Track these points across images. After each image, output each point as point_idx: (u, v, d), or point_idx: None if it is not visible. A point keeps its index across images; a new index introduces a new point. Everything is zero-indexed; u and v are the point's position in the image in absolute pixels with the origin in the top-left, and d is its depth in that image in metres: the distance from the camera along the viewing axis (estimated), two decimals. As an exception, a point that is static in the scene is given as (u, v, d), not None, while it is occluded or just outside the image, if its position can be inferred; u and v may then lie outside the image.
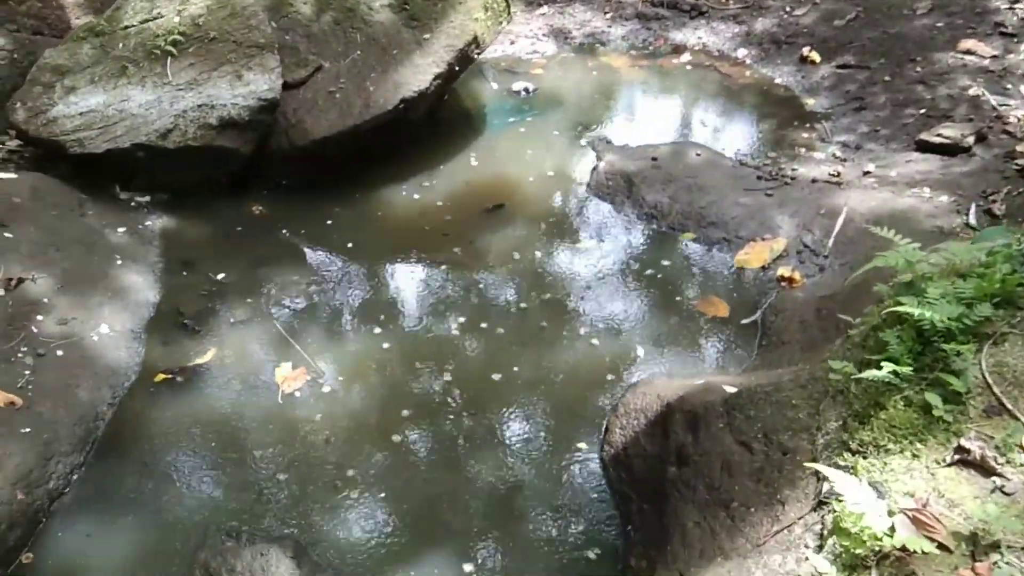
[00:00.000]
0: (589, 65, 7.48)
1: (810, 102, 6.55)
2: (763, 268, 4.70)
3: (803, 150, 5.85)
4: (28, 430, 3.62)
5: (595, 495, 3.60)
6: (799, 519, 2.51)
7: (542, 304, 4.66)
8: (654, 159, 5.64)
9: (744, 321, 4.43)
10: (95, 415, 3.93)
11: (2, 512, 3.31)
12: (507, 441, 3.87)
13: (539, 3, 8.27)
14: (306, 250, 5.20)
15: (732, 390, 3.18)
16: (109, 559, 3.39)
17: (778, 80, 6.99)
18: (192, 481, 3.70)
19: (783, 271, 4.58)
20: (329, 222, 5.36)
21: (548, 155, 6.13)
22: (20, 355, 3.98)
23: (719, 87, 7.03)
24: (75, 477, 3.69)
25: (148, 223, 5.29)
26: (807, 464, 2.58)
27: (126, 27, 5.59)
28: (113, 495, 3.63)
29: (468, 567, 3.31)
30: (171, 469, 3.75)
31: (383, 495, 3.62)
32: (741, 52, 7.45)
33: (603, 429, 3.82)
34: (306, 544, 3.37)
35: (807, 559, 2.32)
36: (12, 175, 5.16)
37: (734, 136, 6.35)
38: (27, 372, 3.90)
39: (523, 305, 4.67)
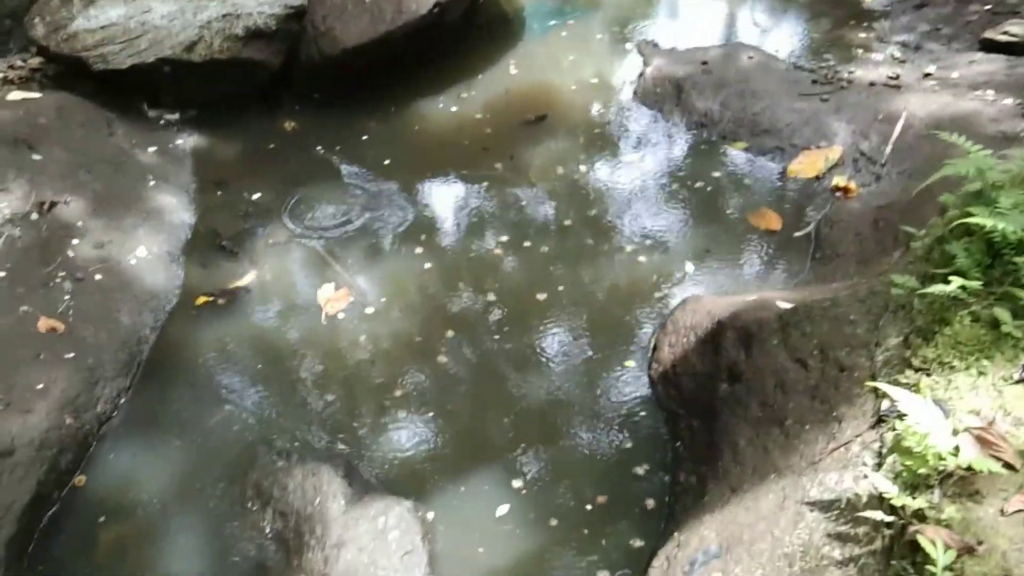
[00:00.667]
0: (632, -37, 7.33)
1: (868, 0, 6.37)
2: (817, 178, 4.67)
3: (860, 51, 5.73)
4: (72, 355, 3.75)
5: (643, 412, 3.68)
6: (857, 437, 2.56)
7: (586, 220, 4.69)
8: (704, 63, 5.56)
9: (797, 233, 4.43)
10: (138, 339, 4.06)
11: (52, 437, 3.47)
12: (552, 359, 3.95)
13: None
14: (341, 168, 5.25)
15: (786, 306, 3.22)
16: (160, 480, 3.55)
17: (836, -24, 6.80)
18: (240, 403, 3.84)
19: (838, 180, 4.55)
20: (364, 137, 5.40)
21: (591, 60, 6.07)
22: (58, 280, 4.10)
23: (773, -17, 6.86)
24: (122, 401, 3.84)
25: (179, 141, 5.36)
26: (868, 383, 2.62)
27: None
28: (161, 418, 3.78)
29: (517, 483, 3.44)
30: (218, 391, 3.89)
31: (430, 413, 3.75)
32: (795, -53, 7.23)
33: (651, 347, 3.88)
34: (356, 463, 3.51)
35: (866, 477, 2.38)
36: (36, 94, 5.23)
37: (788, 37, 6.22)
38: (66, 297, 4.02)
39: (566, 222, 4.69)
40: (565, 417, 3.69)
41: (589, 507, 3.32)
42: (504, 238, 4.61)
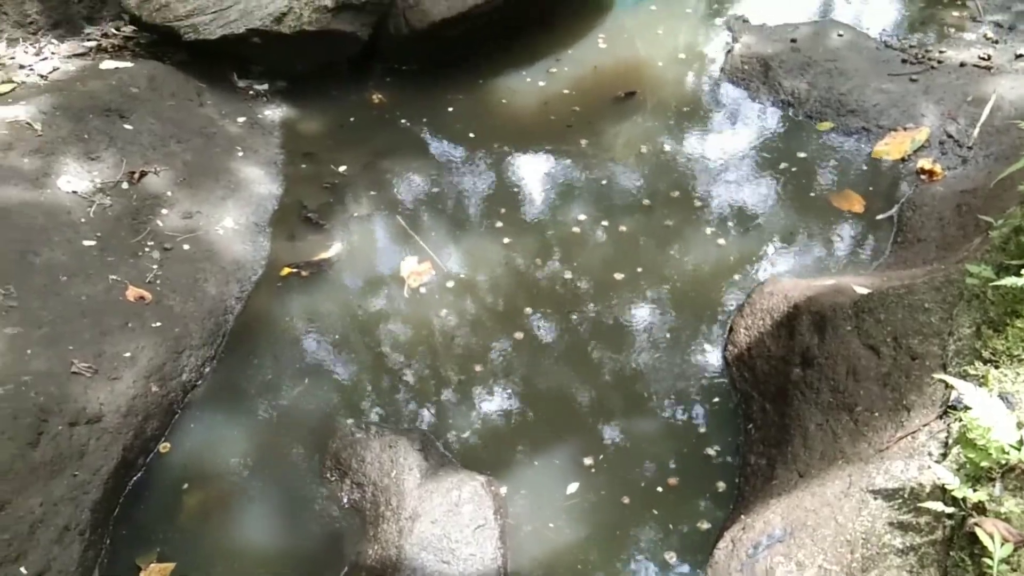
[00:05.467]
0: (728, -67, 7.34)
1: (965, -23, 6.32)
2: (903, 160, 4.72)
3: (952, 31, 5.73)
4: (159, 324, 3.93)
5: (717, 393, 3.82)
6: (924, 426, 2.66)
7: (668, 199, 4.82)
8: (793, 41, 5.61)
9: (880, 216, 4.50)
10: (224, 309, 4.25)
11: (138, 404, 3.65)
12: (628, 339, 4.10)
13: None
14: (427, 140, 5.43)
15: (863, 291, 3.32)
16: (241, 448, 3.74)
17: (932, -48, 6.73)
18: (321, 374, 4.04)
19: (923, 163, 4.59)
20: (450, 110, 5.57)
21: (680, 36, 6.16)
22: (147, 250, 4.29)
23: (866, -40, 6.81)
24: (207, 370, 4.02)
25: (267, 112, 5.58)
26: (935, 375, 2.71)
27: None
28: (244, 387, 3.98)
29: (588, 460, 3.59)
30: (300, 362, 4.09)
31: (507, 390, 3.93)
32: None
33: (727, 328, 4.02)
34: (432, 436, 3.71)
35: (929, 468, 2.48)
36: (128, 63, 5.42)
37: (879, 14, 6.24)
38: (155, 267, 4.20)
39: (647, 201, 4.83)
40: (639, 396, 3.85)
41: (660, 488, 3.47)
42: (585, 215, 4.76)
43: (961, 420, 2.51)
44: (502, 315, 4.26)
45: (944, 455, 2.51)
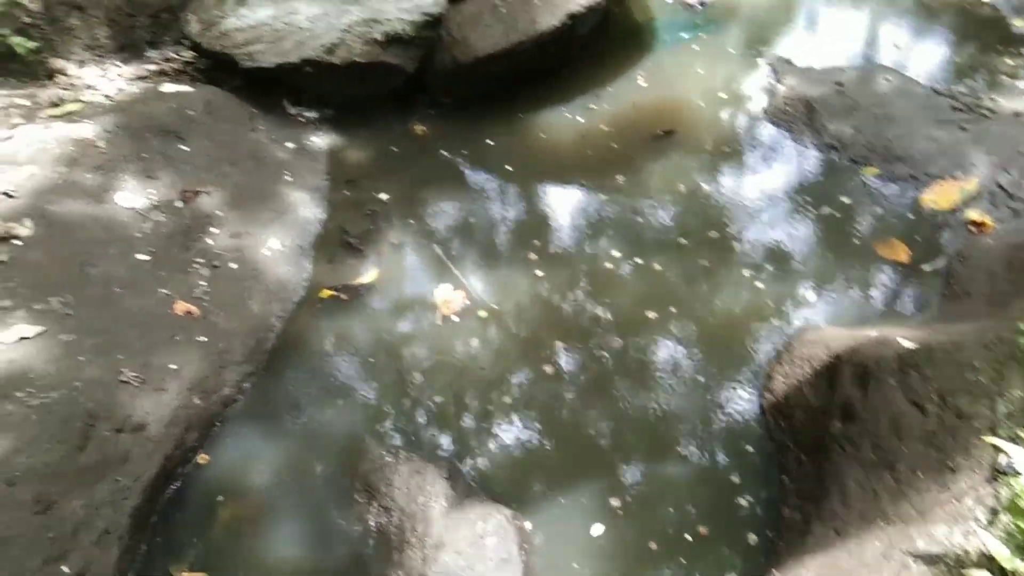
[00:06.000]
0: (772, -24, 7.19)
1: (1018, 24, 6.07)
2: (951, 210, 4.49)
3: (1006, 79, 5.49)
4: (204, 339, 3.91)
5: (751, 441, 3.62)
6: (971, 490, 2.47)
7: (705, 240, 4.63)
8: (839, 84, 5.42)
9: (926, 267, 4.27)
10: (266, 327, 4.20)
11: (181, 415, 3.62)
12: (660, 379, 3.92)
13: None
14: (466, 171, 5.31)
15: (908, 345, 3.12)
16: (275, 464, 3.68)
17: (983, -2, 6.53)
18: (355, 395, 3.95)
19: (973, 214, 4.36)
20: (490, 143, 5.45)
21: (722, 76, 5.98)
22: (196, 266, 4.27)
23: (915, 4, 6.61)
24: (247, 386, 3.97)
25: (315, 139, 5.51)
26: (986, 436, 2.52)
27: (296, -63, 5.75)
28: (281, 404, 3.91)
29: (615, 501, 3.43)
30: (335, 383, 4.00)
31: (535, 423, 3.77)
32: (944, -35, 6.96)
33: (765, 375, 3.81)
34: (459, 464, 3.58)
35: (976, 534, 2.29)
36: (188, 88, 5.42)
37: (929, 61, 6.00)
38: (203, 283, 4.19)
39: (683, 240, 4.64)
40: (669, 438, 3.66)
41: (689, 536, 3.29)
42: (619, 252, 4.59)
43: (1011, 486, 2.32)
44: (533, 347, 4.11)
45: (991, 522, 2.32)
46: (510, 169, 5.25)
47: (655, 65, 6.12)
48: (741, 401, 3.78)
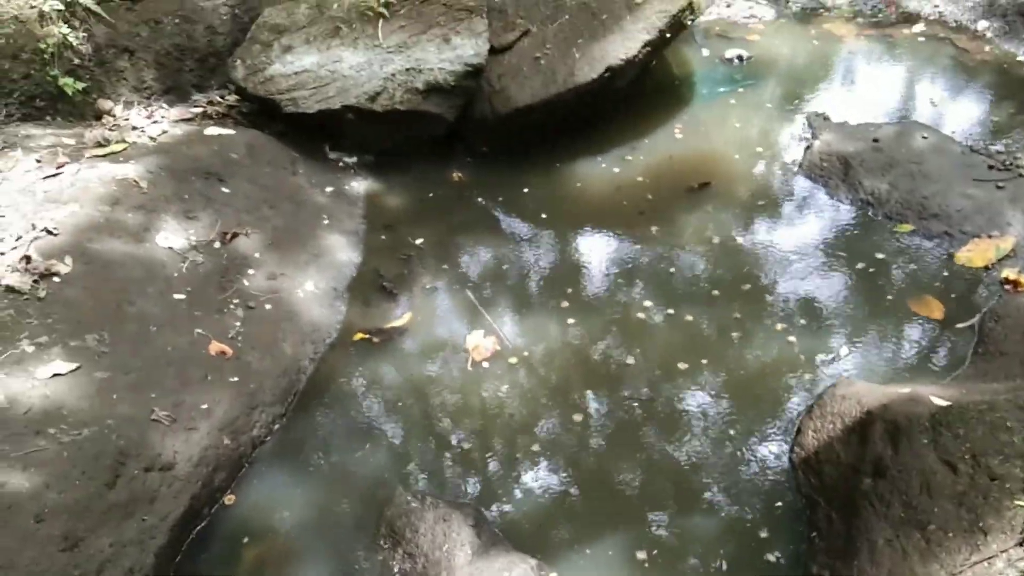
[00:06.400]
0: (810, 33, 7.25)
1: (1056, 83, 6.09)
2: (986, 268, 4.46)
3: (1043, 138, 5.47)
4: (236, 379, 3.94)
5: (780, 496, 3.58)
6: (1002, 552, 2.44)
7: (738, 292, 4.63)
8: (875, 140, 5.42)
9: (960, 325, 4.24)
10: (298, 369, 4.23)
11: (210, 455, 3.64)
12: (690, 432, 3.90)
13: (759, -36, 8.06)
14: (501, 219, 5.37)
15: (941, 403, 3.09)
16: (302, 507, 3.68)
17: (1021, 58, 6.52)
18: (383, 439, 3.96)
19: (1008, 273, 4.33)
20: (526, 191, 5.52)
21: (758, 130, 6.02)
22: (232, 307, 4.31)
23: (953, 62, 6.65)
24: (276, 427, 4.00)
25: (354, 184, 5.61)
26: (1016, 499, 2.49)
27: (342, -13, 5.90)
28: (309, 446, 3.93)
29: (641, 554, 3.39)
30: (364, 426, 4.02)
31: (562, 472, 3.76)
32: (981, 24, 6.98)
33: (795, 430, 3.78)
34: (485, 511, 3.56)
35: (1007, 597, 2.26)
36: (231, 131, 5.53)
37: (966, 119, 6.00)
38: (237, 324, 4.23)
39: (716, 292, 4.65)
40: (697, 491, 3.64)
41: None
42: (651, 302, 4.60)
43: (1044, 551, 2.28)
44: (562, 395, 4.11)
45: (1023, 586, 2.28)
46: (545, 217, 5.29)
47: (692, 118, 6.17)
48: (771, 455, 3.75)
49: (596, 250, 5.07)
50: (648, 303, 4.60)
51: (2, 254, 4.05)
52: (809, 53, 6.99)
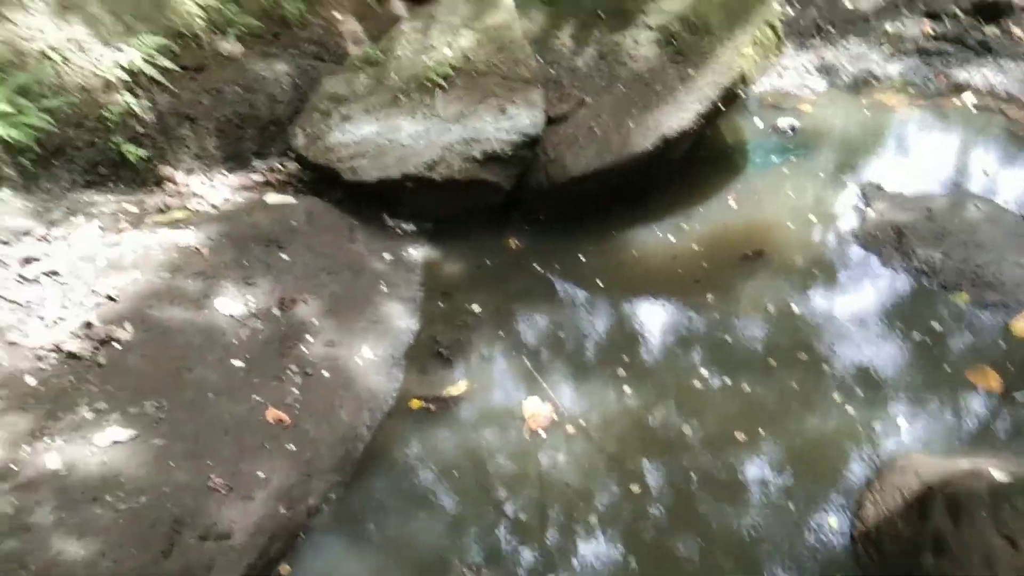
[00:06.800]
0: (862, 103, 7.31)
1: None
2: (1044, 337, 4.44)
3: (1099, 209, 5.44)
4: (293, 448, 3.94)
5: (841, 571, 3.54)
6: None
7: (795, 361, 4.63)
8: (928, 210, 5.44)
9: (1019, 396, 4.20)
10: (355, 437, 4.24)
11: (266, 524, 3.62)
12: (750, 503, 3.89)
13: (810, 35, 8.16)
14: (558, 286, 5.43)
15: (1001, 477, 3.06)
16: (356, 577, 3.68)
17: (1073, 128, 6.52)
18: (439, 510, 3.96)
19: (1067, 343, 4.31)
20: (582, 259, 5.58)
21: (812, 199, 6.07)
22: (290, 374, 4.35)
23: (1005, 133, 6.67)
24: (333, 496, 3.98)
25: (411, 251, 5.70)
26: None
27: (399, 58, 6.08)
28: (365, 516, 3.93)
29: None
30: (420, 496, 4.03)
31: (620, 543, 3.76)
32: (1032, 95, 7.00)
33: (855, 502, 3.76)
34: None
35: None
36: (291, 199, 5.64)
37: (1019, 188, 6.00)
38: (295, 391, 4.25)
39: (772, 361, 4.65)
40: (758, 564, 3.61)
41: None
42: (706, 371, 4.61)
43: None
44: (620, 464, 4.12)
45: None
46: (601, 285, 5.35)
47: (746, 187, 6.23)
48: (830, 528, 3.72)
49: (652, 318, 5.11)
50: (705, 371, 4.62)
51: (64, 320, 4.16)
52: (861, 123, 7.04)
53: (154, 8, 5.81)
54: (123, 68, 5.41)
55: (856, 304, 5.02)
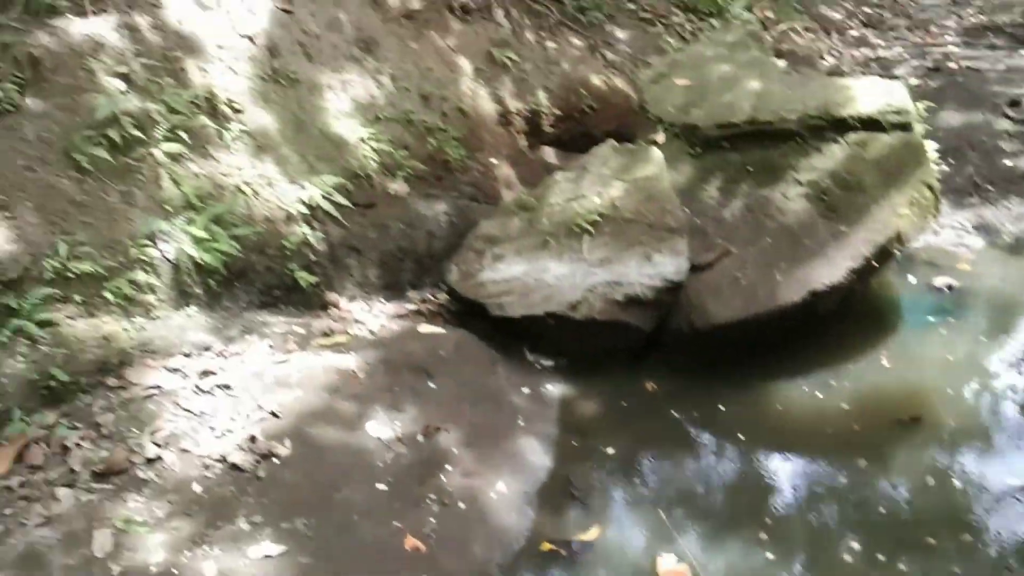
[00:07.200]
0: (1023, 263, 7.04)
1: None
2: None
3: None
4: None
5: None
6: None
7: (956, 542, 4.32)
8: (1098, 378, 5.14)
9: None
10: (485, 573, 4.18)
11: None
12: None
13: (967, 193, 7.98)
14: (696, 435, 5.33)
15: None
16: None
17: None
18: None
19: None
20: (722, 408, 5.47)
21: (972, 363, 5.82)
22: (428, 502, 4.38)
23: None
24: None
25: (549, 387, 5.73)
26: None
27: (551, 204, 6.28)
28: None
29: None
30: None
31: None
32: None
33: None
34: None
35: None
36: (440, 329, 5.84)
37: None
38: (432, 520, 4.27)
39: (932, 540, 4.34)
40: None
41: None
42: (858, 545, 4.34)
43: None
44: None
45: None
46: (742, 438, 5.21)
47: (899, 346, 6.03)
48: None
49: (798, 480, 4.91)
50: (856, 545, 4.34)
51: (231, 432, 4.39)
52: (1022, 284, 6.76)
53: (335, 150, 6.27)
54: (303, 203, 5.83)
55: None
